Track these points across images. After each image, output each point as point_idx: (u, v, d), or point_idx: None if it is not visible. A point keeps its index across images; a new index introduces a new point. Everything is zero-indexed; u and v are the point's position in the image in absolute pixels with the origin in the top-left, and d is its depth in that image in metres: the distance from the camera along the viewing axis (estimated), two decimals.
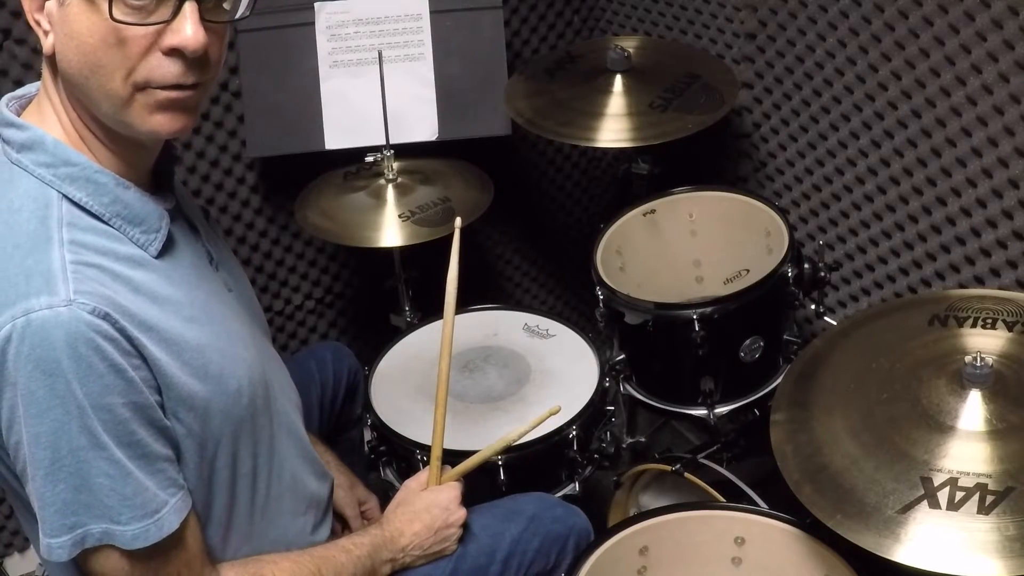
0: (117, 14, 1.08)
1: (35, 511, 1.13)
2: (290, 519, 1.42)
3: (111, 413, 1.10)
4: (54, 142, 1.15)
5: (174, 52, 1.11)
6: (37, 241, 1.10)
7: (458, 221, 1.56)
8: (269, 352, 1.46)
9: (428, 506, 1.49)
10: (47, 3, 1.11)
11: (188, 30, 1.10)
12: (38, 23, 1.13)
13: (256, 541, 1.37)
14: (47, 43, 1.13)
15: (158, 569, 1.19)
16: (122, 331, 1.10)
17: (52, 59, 1.14)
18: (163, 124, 1.14)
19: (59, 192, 1.14)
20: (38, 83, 1.22)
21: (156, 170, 1.28)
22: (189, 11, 1.10)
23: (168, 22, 1.10)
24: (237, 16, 1.18)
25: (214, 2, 1.14)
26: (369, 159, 2.15)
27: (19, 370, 1.06)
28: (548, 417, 1.56)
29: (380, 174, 2.17)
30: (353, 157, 2.21)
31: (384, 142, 2.14)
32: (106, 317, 1.08)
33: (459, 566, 1.51)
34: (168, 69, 1.11)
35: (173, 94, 1.13)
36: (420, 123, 2.24)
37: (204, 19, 1.12)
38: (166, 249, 1.22)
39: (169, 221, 1.23)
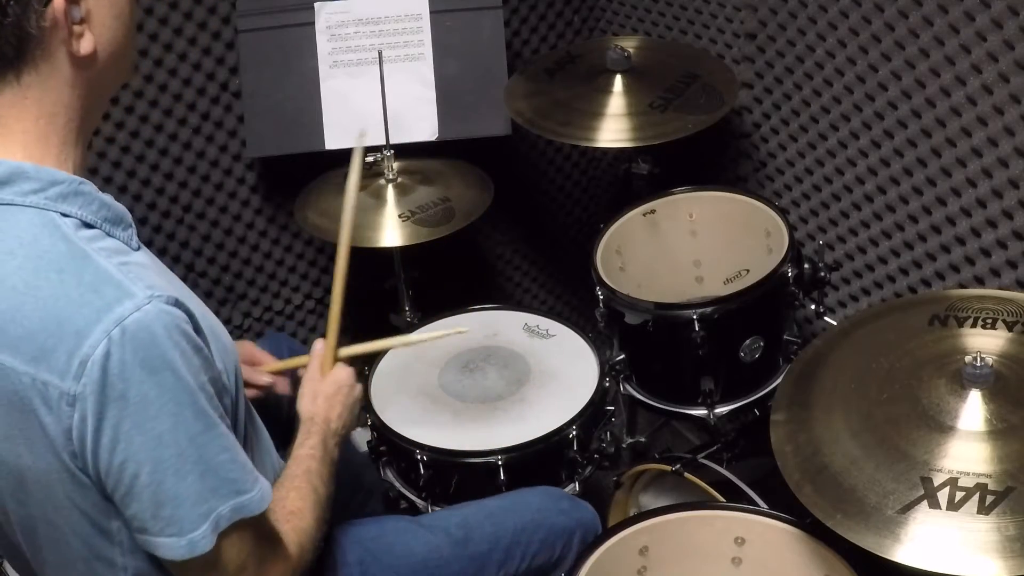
0: None
1: (154, 517, 1.11)
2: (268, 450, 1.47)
3: (205, 391, 1.12)
4: (34, 168, 1.12)
5: None
6: (78, 259, 1.09)
7: (359, 145, 1.64)
8: None
9: (337, 388, 1.55)
10: (71, 9, 1.08)
11: None
12: (71, 31, 1.09)
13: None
14: (85, 43, 1.10)
15: (266, 528, 1.22)
16: (188, 313, 1.12)
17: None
18: None
19: (56, 212, 1.12)
20: None
21: None
22: None
23: None
24: None
25: None
26: (369, 159, 2.15)
27: (128, 380, 1.05)
28: (453, 334, 1.76)
29: (380, 174, 2.17)
30: None
31: (384, 142, 2.14)
32: (177, 304, 1.10)
33: (461, 552, 1.53)
34: None
35: None
36: (420, 123, 2.24)
37: None
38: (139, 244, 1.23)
39: None
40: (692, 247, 2.14)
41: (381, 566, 1.49)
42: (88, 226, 1.14)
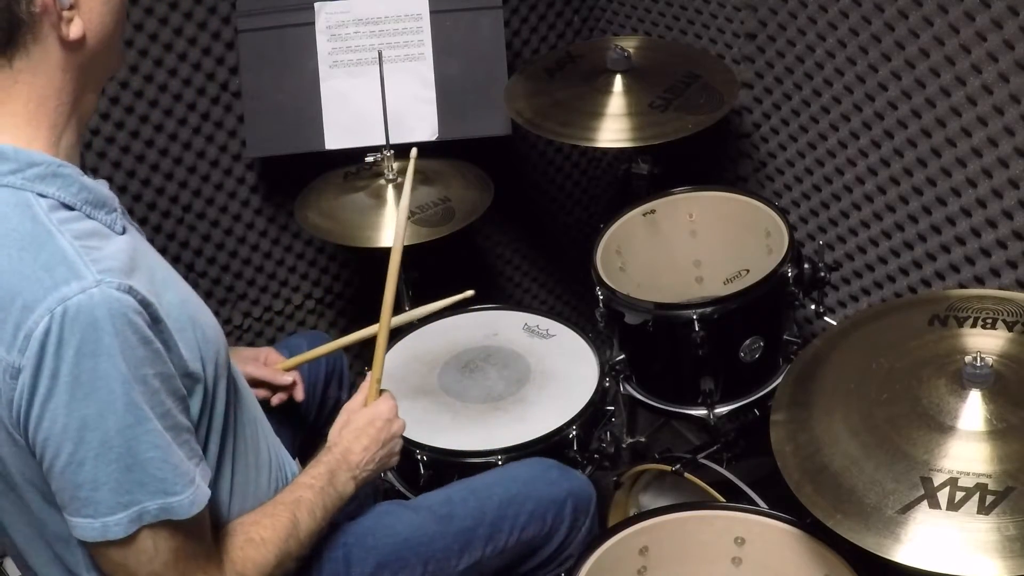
0: None
1: (72, 497, 1.12)
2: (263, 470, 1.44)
3: (146, 385, 1.11)
4: (13, 149, 1.14)
5: None
6: (40, 238, 1.11)
7: (414, 152, 1.64)
8: None
9: (371, 419, 1.51)
10: None
11: None
12: (61, 16, 1.12)
13: (253, 497, 1.38)
14: (74, 28, 1.13)
15: (199, 541, 1.20)
16: (142, 302, 1.11)
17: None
18: None
19: (32, 192, 1.14)
20: None
21: None
22: None
23: None
24: None
25: None
26: (369, 159, 2.15)
27: (62, 359, 1.06)
28: (460, 300, 1.72)
29: (380, 174, 2.17)
30: (353, 157, 2.21)
31: (384, 142, 2.14)
32: (130, 291, 1.10)
33: (446, 528, 1.52)
34: None
35: None
36: (420, 123, 2.24)
37: None
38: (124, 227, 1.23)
39: None
40: (692, 247, 2.14)
41: (364, 547, 1.48)
42: (68, 207, 1.16)
